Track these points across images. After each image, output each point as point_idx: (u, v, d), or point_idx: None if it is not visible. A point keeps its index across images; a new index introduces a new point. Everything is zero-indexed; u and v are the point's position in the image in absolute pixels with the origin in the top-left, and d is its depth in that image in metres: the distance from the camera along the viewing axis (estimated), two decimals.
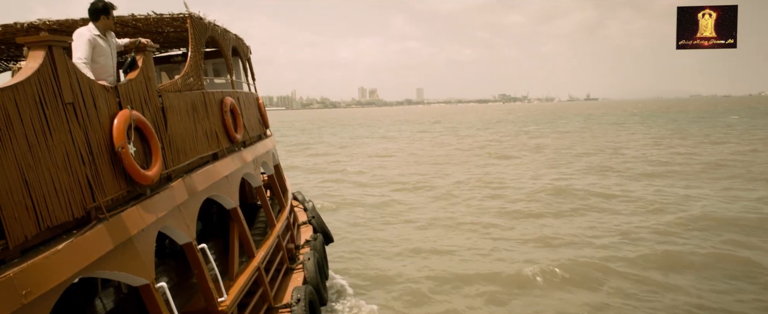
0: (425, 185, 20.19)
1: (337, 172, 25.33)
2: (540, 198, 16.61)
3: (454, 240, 12.38)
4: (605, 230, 12.58)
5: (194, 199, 4.86)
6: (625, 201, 15.80)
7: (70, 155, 3.20)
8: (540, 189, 17.99)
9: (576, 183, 19.30)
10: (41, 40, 3.15)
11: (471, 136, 48.44)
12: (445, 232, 13.12)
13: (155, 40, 8.35)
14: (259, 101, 9.67)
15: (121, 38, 8.14)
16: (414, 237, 12.82)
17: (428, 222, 14.13)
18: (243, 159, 6.78)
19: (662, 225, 12.57)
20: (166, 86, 4.93)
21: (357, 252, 11.76)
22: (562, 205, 15.54)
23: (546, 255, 10.81)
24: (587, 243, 11.59)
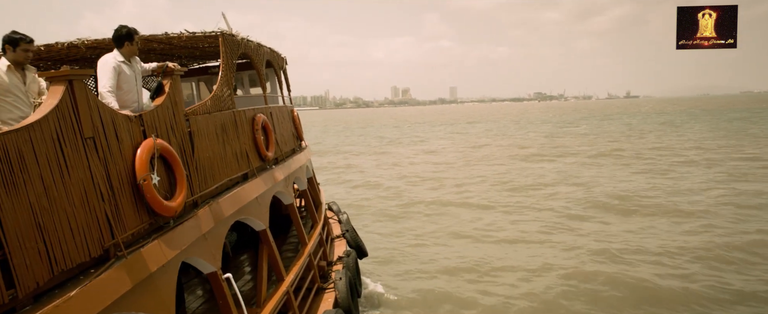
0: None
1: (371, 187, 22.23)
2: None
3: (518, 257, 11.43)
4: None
5: (221, 226, 4.69)
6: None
7: (89, 192, 3.06)
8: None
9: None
10: (62, 75, 3.02)
11: (528, 138, 45.01)
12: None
13: (191, 53, 8.34)
14: (294, 113, 9.51)
15: (158, 54, 8.22)
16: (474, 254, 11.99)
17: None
18: (274, 178, 6.61)
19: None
20: (195, 108, 4.78)
21: (392, 262, 11.47)
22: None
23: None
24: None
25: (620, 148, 32.37)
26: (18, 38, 3.84)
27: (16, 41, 3.83)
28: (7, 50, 3.80)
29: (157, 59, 9.12)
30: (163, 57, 8.71)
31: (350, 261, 8.43)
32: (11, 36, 3.83)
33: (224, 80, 5.65)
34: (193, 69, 10.25)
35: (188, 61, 9.75)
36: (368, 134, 62.91)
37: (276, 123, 7.60)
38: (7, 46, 3.79)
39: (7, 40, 3.80)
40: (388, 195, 19.73)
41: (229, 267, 8.15)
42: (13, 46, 3.81)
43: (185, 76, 10.17)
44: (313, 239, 7.70)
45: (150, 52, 7.68)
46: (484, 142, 42.32)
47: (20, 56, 3.86)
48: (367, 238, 12.14)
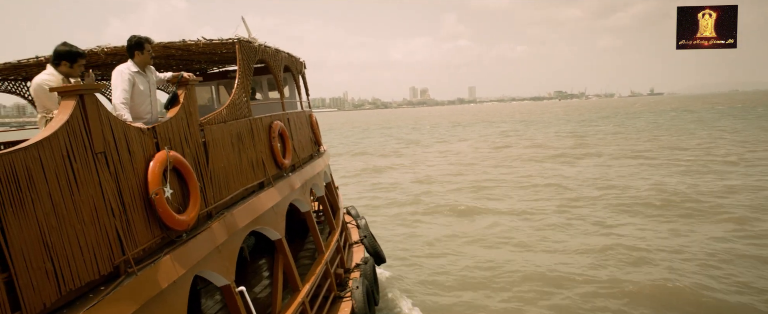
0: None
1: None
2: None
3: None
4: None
5: (235, 238, 4.61)
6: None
7: (99, 208, 3.00)
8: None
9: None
10: (72, 89, 2.96)
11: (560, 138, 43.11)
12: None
13: (210, 58, 8.34)
14: (312, 118, 9.43)
15: (177, 60, 8.24)
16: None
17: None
18: (291, 185, 6.52)
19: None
20: (210, 118, 4.72)
21: (411, 268, 11.31)
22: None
23: None
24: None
25: (651, 148, 31.38)
26: (76, 53, 3.83)
27: (74, 57, 3.82)
28: (63, 65, 3.80)
29: (177, 65, 9.16)
30: (183, 63, 8.73)
31: (368, 268, 8.31)
32: (69, 51, 3.80)
33: (241, 88, 5.59)
34: (213, 73, 10.27)
35: (208, 66, 9.77)
36: (386, 135, 62.78)
37: (293, 129, 7.53)
38: (65, 61, 3.79)
39: (66, 55, 3.78)
40: (407, 198, 19.55)
41: (247, 271, 8.11)
42: (71, 62, 3.82)
43: (205, 79, 10.20)
44: (330, 247, 7.60)
45: (169, 58, 7.69)
46: (506, 143, 41.44)
47: (76, 71, 3.89)
48: (385, 243, 12.02)
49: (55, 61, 3.83)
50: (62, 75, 3.85)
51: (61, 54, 3.81)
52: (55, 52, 3.83)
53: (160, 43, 5.95)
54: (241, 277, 7.92)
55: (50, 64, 3.85)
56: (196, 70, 10.04)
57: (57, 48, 3.84)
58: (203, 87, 10.35)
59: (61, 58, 3.80)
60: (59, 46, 3.84)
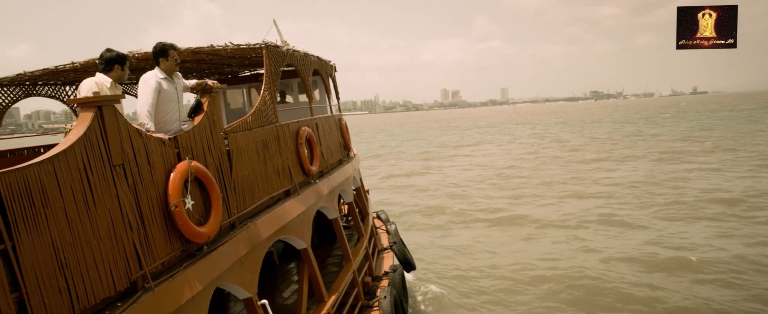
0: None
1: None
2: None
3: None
4: None
5: (258, 249, 4.49)
6: None
7: (116, 222, 2.92)
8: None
9: None
10: (91, 101, 2.89)
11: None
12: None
13: (241, 62, 8.33)
14: (342, 122, 9.29)
15: (208, 64, 8.27)
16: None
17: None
18: (318, 193, 6.39)
19: None
20: (235, 126, 4.62)
21: (441, 275, 11.02)
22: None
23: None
24: None
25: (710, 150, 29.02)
26: (124, 56, 3.94)
27: (124, 60, 3.93)
28: (116, 69, 3.89)
29: (209, 69, 9.21)
30: (214, 67, 8.75)
31: (396, 277, 8.10)
32: (120, 54, 3.90)
33: (267, 93, 5.49)
34: (244, 76, 10.28)
35: (239, 69, 9.78)
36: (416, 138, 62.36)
37: (322, 134, 7.40)
38: (117, 66, 3.88)
39: (118, 59, 3.87)
40: (438, 202, 19.24)
41: (276, 276, 8.03)
42: (122, 65, 3.93)
43: (237, 83, 10.22)
44: (358, 254, 7.43)
45: (200, 62, 7.70)
46: (542, 146, 39.92)
47: (126, 74, 3.99)
48: (415, 248, 11.76)
49: (107, 66, 3.89)
50: (114, 79, 3.92)
51: (114, 59, 3.89)
52: (105, 59, 3.87)
53: (189, 48, 5.93)
54: (270, 282, 7.86)
55: (100, 72, 3.90)
56: (227, 73, 10.08)
57: (106, 56, 3.90)
58: (235, 90, 10.37)
59: (114, 63, 3.88)
60: (105, 52, 3.90)
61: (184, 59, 6.69)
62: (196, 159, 3.83)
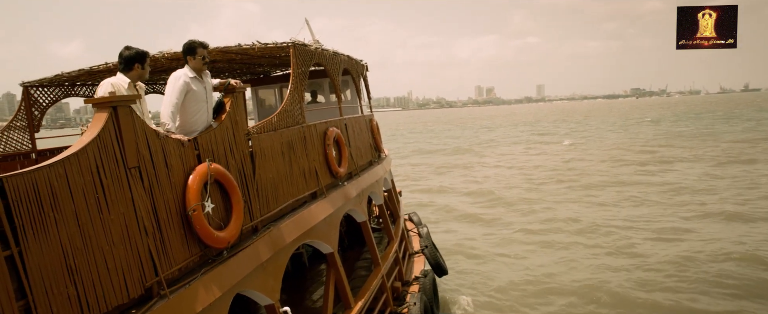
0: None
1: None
2: None
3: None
4: None
5: (282, 253, 4.35)
6: None
7: (131, 227, 2.81)
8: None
9: None
10: (105, 101, 2.79)
11: None
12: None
13: (271, 61, 8.27)
14: (373, 123, 9.10)
15: (238, 64, 8.24)
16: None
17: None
18: (346, 195, 6.21)
19: None
20: (259, 126, 4.49)
21: (474, 282, 10.70)
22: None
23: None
24: None
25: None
26: (145, 54, 3.79)
27: (144, 57, 3.79)
28: (136, 68, 3.76)
29: (241, 69, 9.19)
30: (246, 67, 8.72)
31: (427, 282, 7.85)
32: (139, 52, 3.75)
33: (294, 93, 5.35)
34: (276, 76, 10.24)
35: (270, 69, 9.74)
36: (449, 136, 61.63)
37: (351, 135, 7.23)
38: (137, 64, 3.75)
39: (138, 58, 3.74)
40: (475, 204, 18.80)
41: (306, 277, 7.93)
42: (142, 63, 3.79)
43: (269, 82, 10.19)
44: (387, 259, 7.22)
45: (232, 62, 7.67)
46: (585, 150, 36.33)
47: (146, 72, 3.87)
48: (448, 253, 11.47)
49: (127, 66, 3.76)
50: (134, 79, 3.81)
51: (133, 57, 3.75)
52: (124, 58, 3.74)
53: (218, 47, 5.86)
54: (300, 284, 7.76)
55: (120, 72, 3.78)
56: (259, 73, 10.06)
57: (125, 54, 3.76)
58: (267, 89, 10.34)
59: (134, 62, 3.75)
60: (124, 51, 3.76)
61: (215, 59, 6.65)
62: (218, 161, 3.72)
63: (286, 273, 7.84)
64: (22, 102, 7.34)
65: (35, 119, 7.46)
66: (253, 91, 10.40)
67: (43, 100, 7.65)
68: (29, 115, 7.33)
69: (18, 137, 7.23)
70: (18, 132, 7.23)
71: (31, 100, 7.35)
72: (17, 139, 7.22)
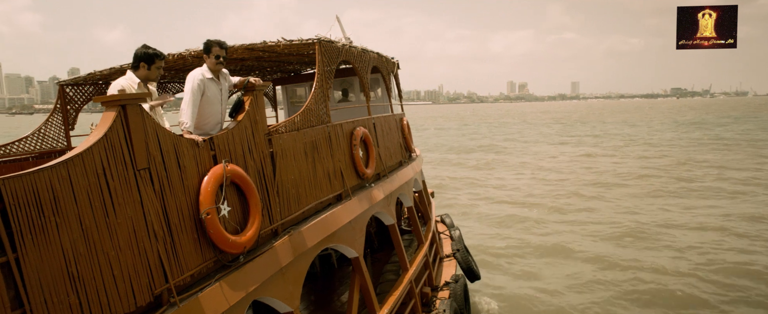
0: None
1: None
2: None
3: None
4: None
5: (303, 258, 4.15)
6: None
7: (139, 231, 2.66)
8: None
9: None
10: (113, 100, 2.64)
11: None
12: None
13: (301, 59, 8.13)
14: (403, 121, 8.83)
15: (266, 61, 8.11)
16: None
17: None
18: (373, 197, 5.98)
19: None
20: (281, 125, 4.30)
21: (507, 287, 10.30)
22: None
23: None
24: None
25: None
26: (153, 54, 3.68)
27: (152, 58, 3.67)
28: (142, 67, 3.66)
29: (270, 67, 9.09)
30: (275, 65, 8.60)
31: (458, 288, 7.54)
32: (146, 52, 3.64)
33: (319, 92, 5.15)
34: (307, 73, 10.11)
35: (301, 67, 9.61)
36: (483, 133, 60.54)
37: (380, 135, 7.00)
38: (143, 63, 3.64)
39: (144, 57, 3.63)
40: (510, 206, 18.28)
41: (334, 279, 7.76)
42: (148, 63, 3.68)
43: (300, 80, 10.07)
44: (416, 263, 6.95)
45: (261, 60, 7.56)
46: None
47: (154, 74, 3.75)
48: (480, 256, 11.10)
49: (134, 64, 3.69)
50: (140, 79, 3.68)
51: (139, 56, 3.66)
52: (134, 56, 3.67)
53: (243, 45, 5.74)
54: (327, 285, 7.59)
55: (130, 69, 3.71)
56: (290, 71, 9.95)
57: (136, 52, 3.70)
58: (299, 87, 10.22)
59: (139, 60, 3.65)
60: (138, 48, 3.69)
61: (242, 57, 6.54)
62: (235, 162, 3.55)
63: (314, 275, 7.74)
64: (58, 100, 7.44)
65: (70, 116, 7.56)
66: (284, 89, 10.30)
67: (77, 98, 7.76)
68: (64, 112, 7.44)
69: (54, 134, 7.33)
70: (54, 129, 7.34)
71: (67, 99, 7.45)
72: (53, 136, 7.32)
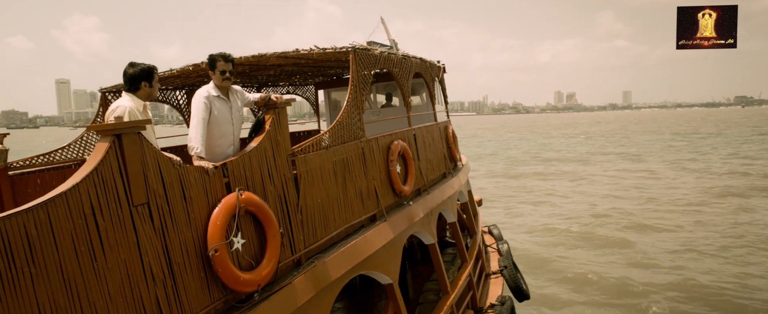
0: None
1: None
2: None
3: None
4: None
5: (328, 291, 3.73)
6: None
7: (133, 275, 2.33)
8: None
9: None
10: (107, 129, 2.31)
11: None
12: None
13: (341, 64, 7.82)
14: (448, 130, 8.29)
15: (304, 67, 7.83)
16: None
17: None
18: (411, 216, 5.51)
19: None
20: (307, 144, 3.91)
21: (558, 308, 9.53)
22: None
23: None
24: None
25: None
26: (150, 69, 3.30)
27: (151, 73, 3.30)
28: (143, 87, 3.29)
29: (312, 72, 8.81)
30: (316, 69, 8.30)
31: (505, 311, 6.91)
32: (144, 69, 3.27)
33: (352, 105, 4.75)
34: (344, 78, 9.80)
35: (342, 71, 9.30)
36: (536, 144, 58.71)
37: (421, 146, 6.52)
38: (144, 82, 3.28)
39: (144, 75, 3.26)
40: (569, 220, 17.31)
41: (374, 294, 7.30)
42: (149, 80, 3.30)
43: (340, 85, 9.76)
44: (458, 284, 6.41)
45: (299, 65, 7.28)
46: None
47: (156, 90, 3.39)
48: (530, 271, 10.29)
49: (133, 85, 3.27)
50: (144, 99, 3.31)
51: (137, 76, 3.23)
52: (129, 76, 3.25)
53: (275, 53, 5.45)
54: (368, 301, 7.13)
55: (126, 92, 3.31)
56: (331, 75, 9.65)
57: (129, 72, 3.26)
58: (340, 92, 9.92)
59: (140, 80, 3.24)
60: (128, 68, 3.27)
61: (277, 63, 6.26)
62: (253, 189, 3.18)
63: (353, 287, 7.31)
64: (100, 107, 7.46)
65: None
66: (326, 94, 10.03)
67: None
68: (105, 119, 7.47)
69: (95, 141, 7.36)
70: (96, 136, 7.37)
71: (108, 105, 7.46)
72: (95, 143, 7.35)
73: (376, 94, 9.55)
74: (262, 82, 9.26)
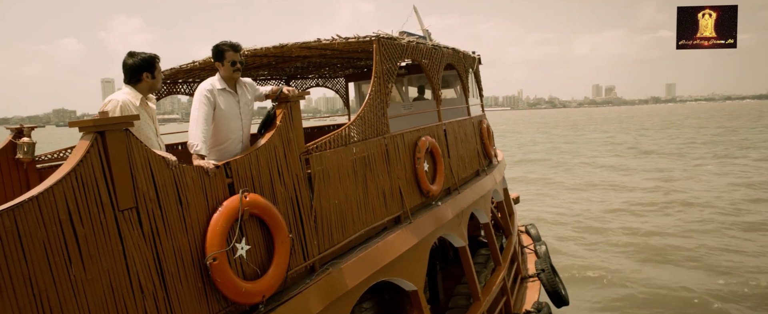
0: None
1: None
2: None
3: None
4: None
5: (344, 300, 3.44)
6: None
7: (118, 287, 2.10)
8: None
9: None
10: (88, 126, 2.06)
11: None
12: None
13: (369, 55, 7.49)
14: (483, 125, 7.82)
15: (332, 58, 7.56)
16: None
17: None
18: (439, 217, 5.16)
19: None
20: (323, 140, 3.61)
21: None
22: None
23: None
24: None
25: None
26: (152, 58, 3.04)
27: (152, 63, 3.03)
28: (145, 78, 3.03)
29: (341, 64, 8.52)
30: (345, 60, 8.02)
31: None
32: (145, 59, 3.01)
33: (375, 97, 4.43)
34: None
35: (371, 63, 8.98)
36: None
37: (452, 143, 6.13)
38: (146, 73, 3.02)
39: (146, 66, 3.00)
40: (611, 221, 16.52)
41: (403, 294, 6.99)
42: (151, 70, 3.04)
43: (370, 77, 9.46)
44: (491, 290, 6.02)
45: (326, 57, 7.02)
46: None
47: (159, 80, 3.13)
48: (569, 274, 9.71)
49: (134, 76, 3.01)
50: (145, 91, 3.05)
51: (138, 66, 2.97)
52: (129, 67, 3.00)
53: (296, 43, 5.18)
54: (398, 302, 6.83)
55: (126, 84, 3.05)
56: (362, 67, 9.35)
57: (129, 63, 3.01)
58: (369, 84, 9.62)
59: (141, 71, 2.97)
60: (127, 58, 3.00)
61: (300, 54, 6.01)
62: (260, 191, 2.91)
63: (383, 287, 7.01)
64: None
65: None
66: (356, 86, 9.73)
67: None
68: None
69: None
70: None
71: None
72: None
73: (408, 86, 9.17)
74: (291, 74, 9.05)
